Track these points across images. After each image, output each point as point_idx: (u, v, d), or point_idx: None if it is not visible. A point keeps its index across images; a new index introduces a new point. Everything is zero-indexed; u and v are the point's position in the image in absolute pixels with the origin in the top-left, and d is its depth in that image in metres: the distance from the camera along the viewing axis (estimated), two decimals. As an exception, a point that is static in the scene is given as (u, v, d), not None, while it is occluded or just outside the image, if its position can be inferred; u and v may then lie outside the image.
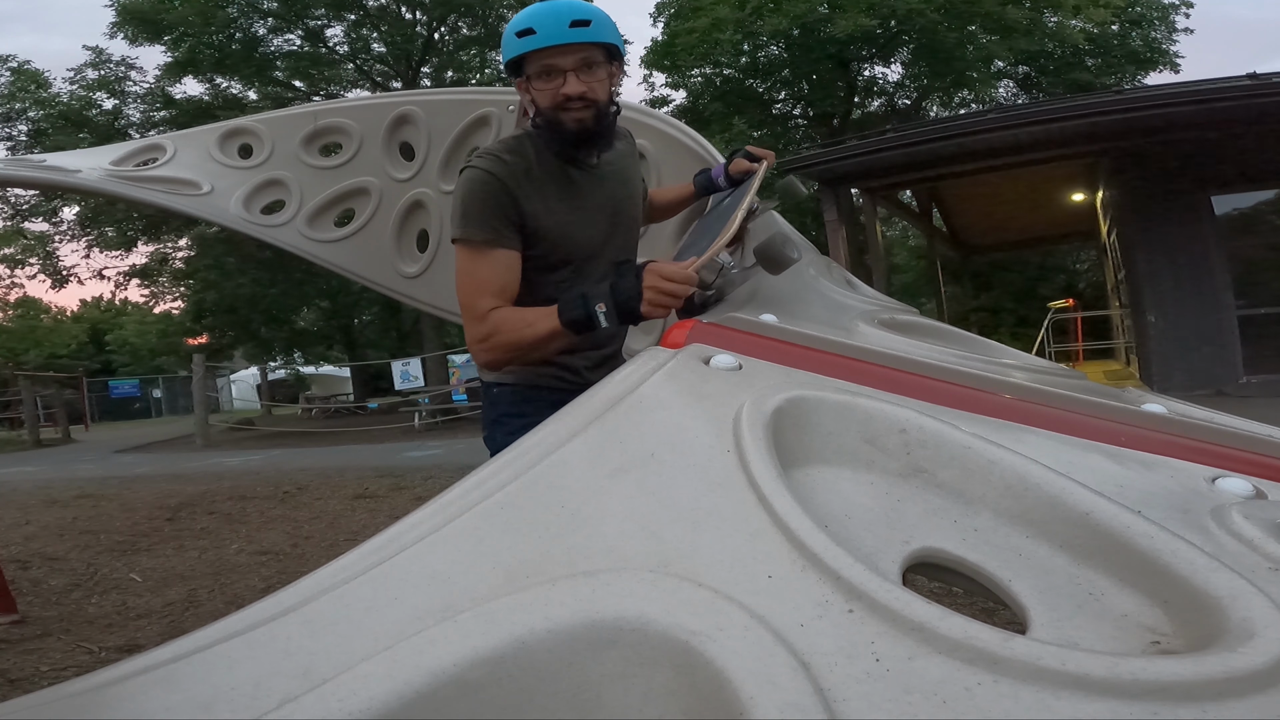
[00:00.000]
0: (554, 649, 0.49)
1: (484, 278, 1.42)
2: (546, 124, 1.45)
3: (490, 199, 1.42)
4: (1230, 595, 0.50)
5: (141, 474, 9.01)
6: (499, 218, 1.42)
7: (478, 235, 1.42)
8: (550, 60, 1.39)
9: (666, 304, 1.19)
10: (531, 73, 1.42)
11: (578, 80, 1.40)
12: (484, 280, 1.42)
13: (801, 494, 0.65)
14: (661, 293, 1.18)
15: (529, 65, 1.41)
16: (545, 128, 1.46)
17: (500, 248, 1.43)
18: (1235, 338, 8.16)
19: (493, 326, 1.39)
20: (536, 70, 1.41)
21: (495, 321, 1.39)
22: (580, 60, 1.40)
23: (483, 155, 1.47)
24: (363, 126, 3.23)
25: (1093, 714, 0.43)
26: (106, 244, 17.81)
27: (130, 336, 29.14)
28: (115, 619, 3.44)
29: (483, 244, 1.42)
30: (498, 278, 1.42)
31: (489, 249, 1.42)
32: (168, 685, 0.50)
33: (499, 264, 1.43)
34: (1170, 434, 0.81)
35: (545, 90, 1.42)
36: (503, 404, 1.63)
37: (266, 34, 16.56)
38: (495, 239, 1.42)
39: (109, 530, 5.42)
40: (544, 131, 1.47)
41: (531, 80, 1.43)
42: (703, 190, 1.88)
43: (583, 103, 1.41)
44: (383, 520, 4.76)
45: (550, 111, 1.43)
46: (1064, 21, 15.35)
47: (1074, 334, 14.46)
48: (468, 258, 1.44)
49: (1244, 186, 8.36)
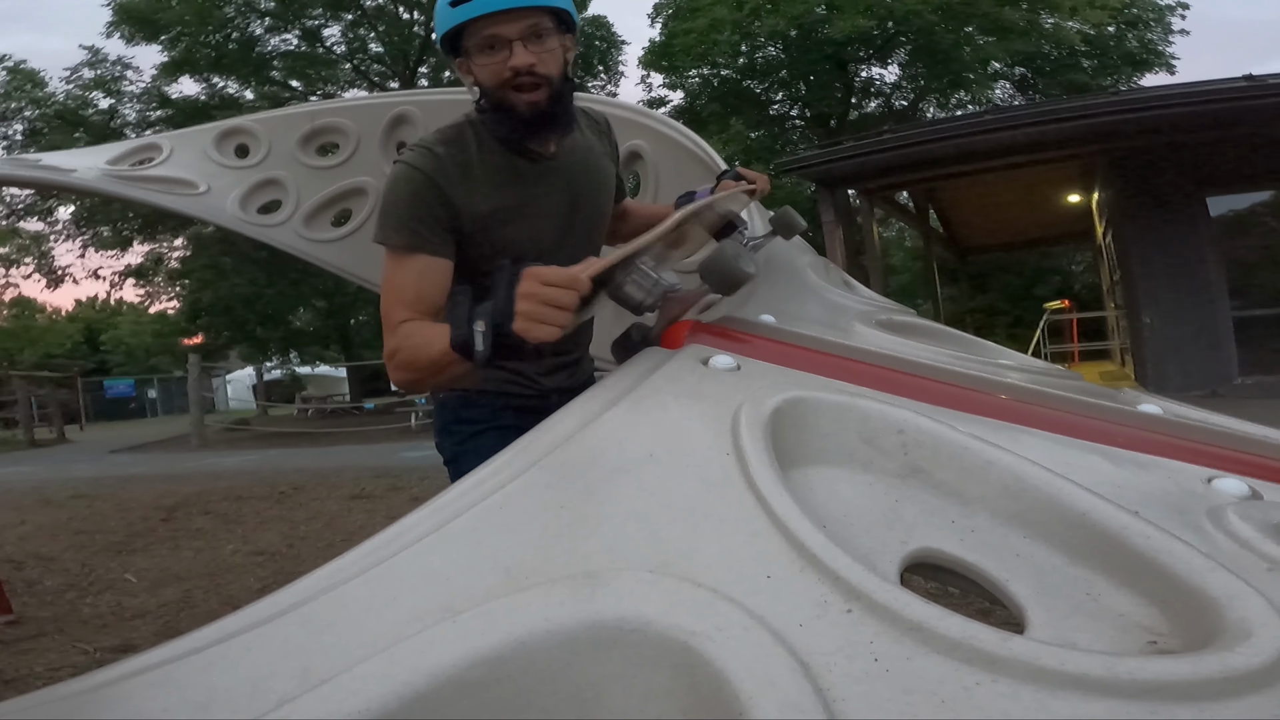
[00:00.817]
0: (554, 649, 0.49)
1: (399, 286, 1.25)
2: (493, 106, 1.28)
3: (414, 199, 1.26)
4: (1227, 595, 0.51)
5: (136, 474, 8.98)
6: (422, 220, 1.26)
7: (395, 239, 1.26)
8: (492, 30, 1.21)
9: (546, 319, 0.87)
10: (471, 47, 1.24)
11: (525, 51, 1.22)
12: (398, 289, 1.25)
13: (800, 494, 0.65)
14: (540, 302, 0.87)
15: (468, 38, 1.24)
16: (492, 111, 1.28)
17: (421, 253, 1.26)
18: (1230, 339, 8.20)
19: (398, 342, 1.18)
20: (477, 43, 1.24)
21: (401, 336, 1.18)
22: (527, 28, 1.22)
23: (414, 148, 1.32)
24: (360, 126, 3.22)
25: (1091, 713, 0.43)
26: (102, 244, 17.76)
27: (125, 336, 29.07)
28: (110, 619, 3.42)
29: (402, 249, 1.26)
30: (412, 286, 1.24)
31: (408, 254, 1.26)
32: (164, 686, 0.49)
33: (415, 271, 1.25)
34: (1166, 435, 0.81)
35: (488, 65, 1.24)
36: (450, 410, 1.54)
37: (263, 34, 16.53)
38: (415, 244, 1.25)
39: (104, 530, 5.40)
40: (490, 116, 1.29)
41: (472, 56, 1.25)
42: None
43: (533, 78, 1.24)
44: (380, 520, 4.75)
45: (497, 91, 1.25)
46: (1061, 23, 15.40)
47: (1070, 335, 14.50)
48: (388, 263, 1.28)
49: (1239, 188, 8.39)
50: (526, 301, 0.87)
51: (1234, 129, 7.75)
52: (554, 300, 0.87)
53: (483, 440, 1.45)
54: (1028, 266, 20.35)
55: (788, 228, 1.48)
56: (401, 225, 1.26)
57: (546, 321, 0.87)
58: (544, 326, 0.87)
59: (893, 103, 18.26)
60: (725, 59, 16.87)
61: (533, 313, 0.87)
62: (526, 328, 0.87)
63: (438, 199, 1.27)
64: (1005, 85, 18.12)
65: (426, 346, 1.10)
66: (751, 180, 1.52)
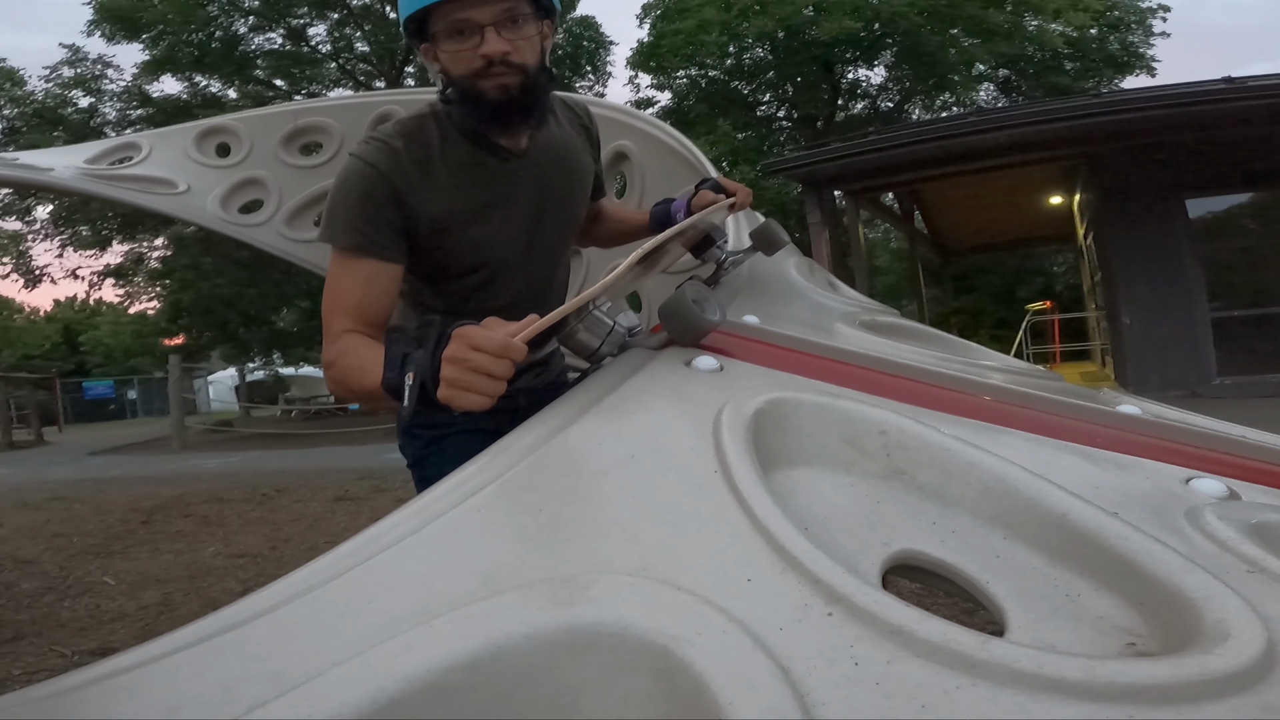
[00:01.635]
0: (532, 654, 0.48)
1: (342, 291, 1.15)
2: (462, 96, 1.17)
3: (364, 198, 1.16)
4: (1204, 596, 0.51)
5: (116, 476, 8.87)
6: (371, 221, 1.15)
7: (342, 240, 1.16)
8: (463, 14, 1.11)
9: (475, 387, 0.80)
10: (439, 32, 1.14)
11: (499, 38, 1.12)
12: (341, 294, 1.15)
13: (781, 496, 0.65)
14: (468, 369, 0.79)
15: (435, 22, 1.14)
16: (461, 101, 1.18)
17: (369, 258, 1.16)
18: (1208, 340, 8.31)
19: (335, 354, 1.11)
20: (446, 28, 1.13)
21: (338, 350, 1.10)
22: (501, 12, 1.12)
23: (369, 141, 1.21)
24: (344, 126, 3.20)
25: (1070, 716, 0.43)
26: (81, 243, 17.52)
27: (105, 337, 28.71)
28: (88, 622, 3.38)
29: (348, 251, 1.16)
30: (355, 292, 1.15)
31: (354, 257, 1.16)
32: (134, 690, 0.49)
33: (360, 275, 1.15)
34: (1145, 435, 0.82)
35: (459, 52, 1.14)
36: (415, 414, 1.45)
37: (247, 32, 16.38)
38: (363, 246, 1.15)
39: (82, 533, 5.33)
40: (459, 106, 1.19)
41: (440, 42, 1.15)
42: (658, 224, 1.48)
43: (506, 66, 1.14)
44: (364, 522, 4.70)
45: (466, 79, 1.15)
46: (1044, 25, 15.57)
47: (1051, 336, 14.65)
48: (332, 264, 1.18)
49: (1217, 190, 8.52)
50: (453, 367, 0.80)
51: (1213, 131, 7.87)
52: (483, 368, 0.79)
53: (447, 444, 1.39)
54: (1010, 268, 20.57)
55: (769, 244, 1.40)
56: (350, 226, 1.16)
57: (474, 390, 0.80)
58: (471, 395, 0.80)
59: (879, 104, 18.41)
60: (713, 60, 16.93)
61: (459, 380, 0.80)
62: (451, 395, 0.81)
63: (390, 200, 1.16)
64: (989, 87, 18.31)
65: (359, 373, 1.04)
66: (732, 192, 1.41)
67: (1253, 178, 8.26)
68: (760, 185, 14.85)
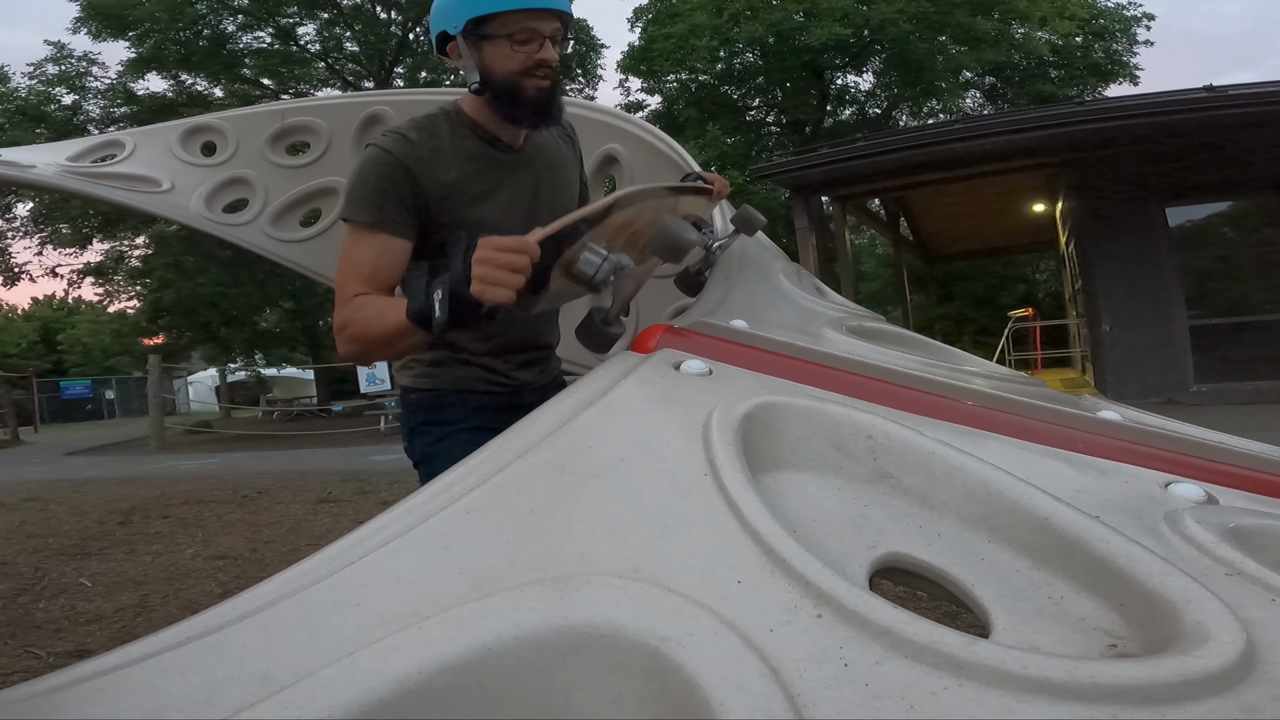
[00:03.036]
0: (522, 655, 0.48)
1: (356, 260, 1.28)
2: (507, 90, 1.33)
3: (382, 179, 1.30)
4: (1184, 599, 0.52)
5: (93, 477, 8.74)
6: (387, 199, 1.29)
7: (360, 215, 1.30)
8: (532, 24, 1.30)
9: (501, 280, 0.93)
10: (502, 34, 1.30)
11: (554, 46, 1.33)
12: (356, 263, 1.28)
13: (770, 499, 0.65)
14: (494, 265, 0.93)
15: (502, 26, 1.29)
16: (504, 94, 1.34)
17: (382, 232, 1.29)
18: (1187, 347, 8.43)
19: (349, 315, 1.22)
20: (513, 32, 1.30)
21: (352, 309, 1.23)
22: (557, 30, 1.34)
23: (386, 133, 1.36)
24: (332, 125, 3.18)
25: (1054, 716, 0.43)
26: (61, 241, 17.28)
27: (83, 336, 28.28)
28: (64, 624, 3.33)
29: (364, 225, 1.29)
30: (370, 261, 1.27)
31: (369, 231, 1.29)
32: (115, 691, 0.48)
33: (375, 248, 1.28)
34: (1125, 440, 0.83)
35: (517, 54, 1.31)
36: (421, 411, 1.51)
37: (235, 31, 16.23)
38: (378, 222, 1.29)
39: (58, 534, 5.25)
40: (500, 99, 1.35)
41: (494, 42, 1.30)
42: None
43: (547, 70, 1.33)
44: (347, 525, 4.68)
45: (514, 76, 1.32)
46: (1031, 33, 15.74)
47: (1033, 342, 14.81)
48: (348, 239, 1.31)
49: (1197, 198, 8.64)
50: (481, 265, 0.93)
51: (1193, 139, 7.98)
52: (507, 264, 0.93)
53: (455, 440, 1.44)
54: (994, 275, 20.78)
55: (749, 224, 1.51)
56: (367, 202, 1.29)
57: (500, 284, 0.93)
58: (498, 288, 0.93)
59: (867, 110, 18.53)
60: (704, 64, 16.98)
61: (487, 275, 0.93)
62: (482, 289, 0.93)
63: (405, 180, 1.30)
64: (975, 95, 18.50)
65: (379, 319, 1.16)
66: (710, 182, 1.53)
67: (1231, 186, 8.40)
68: (748, 190, 14.90)
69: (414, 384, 1.51)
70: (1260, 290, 8.55)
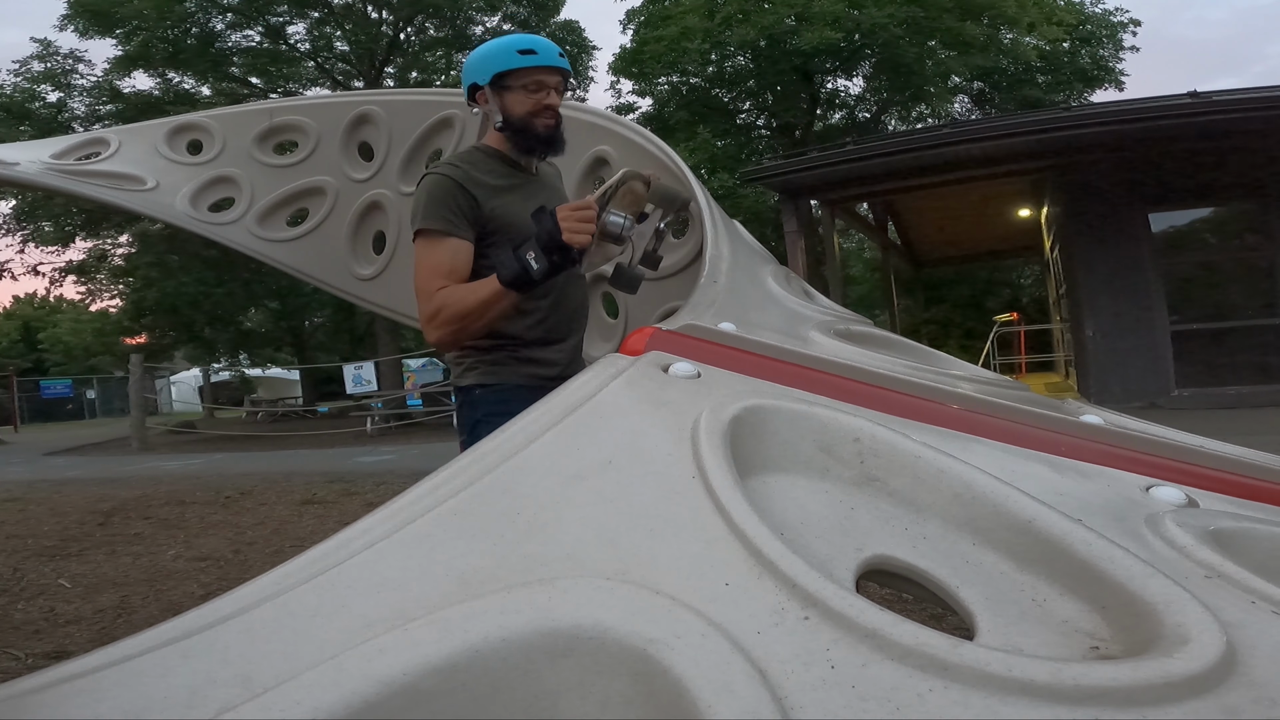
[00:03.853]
0: (509, 658, 0.48)
1: (436, 261, 1.62)
2: (522, 128, 1.73)
3: (446, 195, 1.64)
4: (1165, 601, 0.52)
5: (73, 477, 8.64)
6: (453, 210, 1.64)
7: (434, 225, 1.63)
8: (542, 77, 1.71)
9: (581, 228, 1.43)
10: (517, 85, 1.71)
11: (557, 95, 1.73)
12: (436, 264, 1.62)
13: (758, 502, 0.65)
14: (576, 220, 1.43)
15: (519, 79, 1.70)
16: (521, 131, 1.74)
17: (452, 236, 1.64)
18: (1168, 352, 8.53)
19: (441, 302, 1.59)
20: (527, 83, 1.70)
21: (442, 298, 1.59)
22: (560, 81, 1.74)
23: (439, 164, 1.74)
24: (321, 125, 3.16)
25: (1037, 717, 0.44)
26: (43, 239, 17.05)
27: (64, 335, 27.93)
28: (43, 625, 3.29)
29: (438, 233, 1.63)
30: (448, 261, 1.62)
31: (442, 238, 1.63)
32: (95, 693, 0.47)
33: (449, 250, 1.63)
34: (1107, 444, 0.84)
35: (529, 100, 1.71)
36: (485, 405, 1.72)
37: (224, 29, 16.08)
38: (449, 229, 1.63)
39: (37, 535, 5.18)
40: (517, 134, 1.74)
41: (513, 91, 1.71)
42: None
43: (551, 113, 1.73)
44: (332, 527, 4.65)
45: (526, 118, 1.72)
46: (1019, 38, 15.87)
47: (1018, 347, 14.94)
48: (424, 247, 1.65)
49: (1179, 204, 8.75)
50: (566, 221, 1.44)
51: (1177, 145, 8.06)
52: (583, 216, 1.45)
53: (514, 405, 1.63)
54: (980, 279, 20.93)
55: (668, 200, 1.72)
56: (438, 215, 1.64)
57: (582, 230, 1.44)
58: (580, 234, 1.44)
59: (856, 114, 18.61)
60: (695, 67, 17.00)
61: (572, 226, 1.44)
62: (571, 236, 1.43)
63: (463, 195, 1.66)
64: (964, 99, 18.62)
65: (473, 294, 1.57)
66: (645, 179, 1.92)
67: (1213, 192, 8.50)
68: (738, 193, 14.94)
69: (479, 381, 1.75)
70: (1241, 296, 8.66)
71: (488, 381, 1.73)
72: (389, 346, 15.16)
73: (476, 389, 1.74)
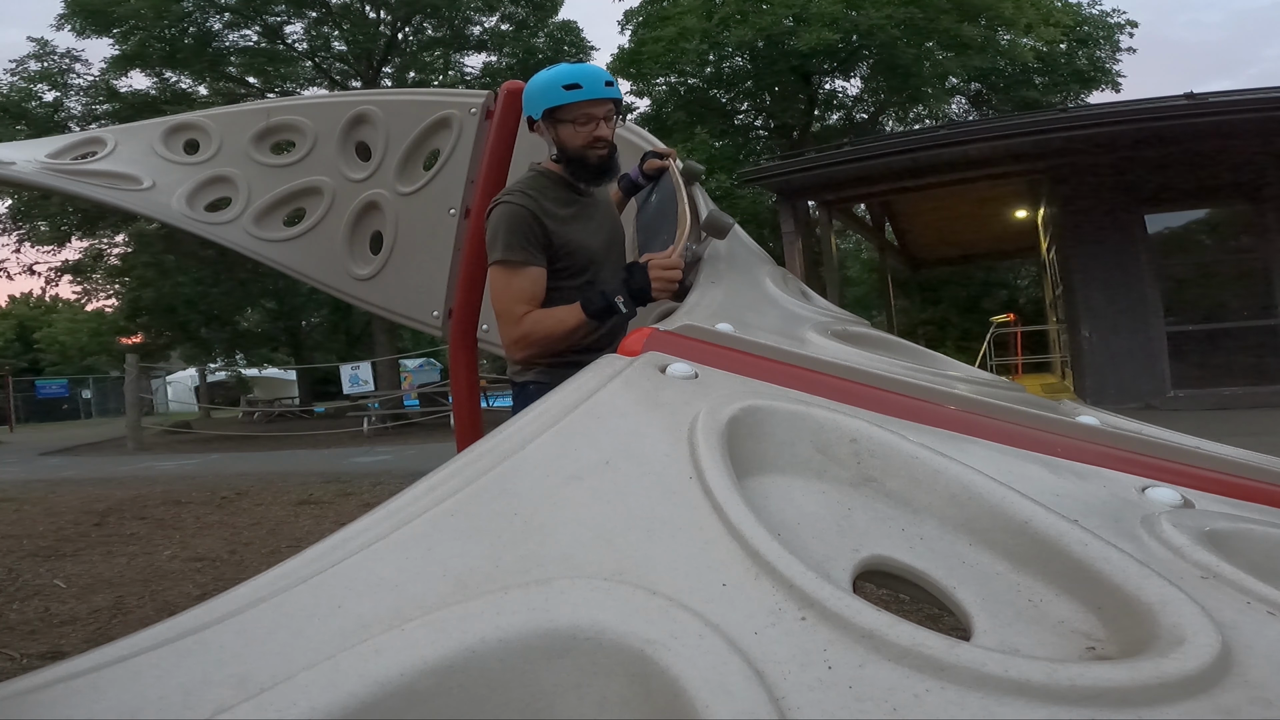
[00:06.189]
0: (506, 658, 0.48)
1: (519, 289, 1.77)
2: (576, 159, 1.83)
3: (522, 225, 1.77)
4: (1160, 602, 0.52)
5: (68, 477, 8.62)
6: (530, 240, 1.77)
7: (515, 256, 1.77)
8: (590, 110, 1.78)
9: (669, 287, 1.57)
10: (568, 118, 1.79)
11: (606, 126, 1.81)
12: (519, 291, 1.77)
13: (755, 502, 0.65)
14: (665, 280, 1.57)
15: (568, 113, 1.78)
16: (574, 162, 1.84)
17: (532, 265, 1.78)
18: (1164, 353, 8.55)
19: (529, 327, 1.76)
20: (576, 116, 1.78)
21: (529, 323, 1.76)
22: (609, 113, 1.81)
23: (510, 192, 1.83)
24: (318, 125, 3.15)
25: (1033, 718, 0.44)
26: (39, 238, 17.00)
27: (60, 335, 27.85)
28: (38, 625, 3.28)
29: (519, 263, 1.77)
30: (529, 288, 1.78)
31: (523, 267, 1.77)
32: (91, 693, 0.47)
33: (529, 278, 1.78)
34: (1103, 445, 0.84)
35: (580, 132, 1.80)
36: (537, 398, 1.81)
37: (222, 29, 16.05)
38: (528, 259, 1.77)
39: (32, 535, 5.17)
40: (571, 165, 1.85)
41: (564, 124, 1.80)
42: (628, 191, 2.19)
43: (603, 143, 1.82)
44: (328, 527, 4.64)
45: (580, 150, 1.82)
46: (1016, 39, 15.89)
47: (1014, 348, 14.96)
48: (505, 275, 1.78)
49: (1175, 206, 8.76)
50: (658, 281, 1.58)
51: (1173, 146, 8.07)
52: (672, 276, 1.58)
53: None
54: (977, 281, 20.97)
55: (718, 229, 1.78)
56: (517, 246, 1.76)
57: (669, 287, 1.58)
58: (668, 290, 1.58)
59: (854, 115, 18.62)
60: (693, 68, 17.00)
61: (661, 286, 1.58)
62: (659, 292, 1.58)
63: (534, 221, 1.78)
64: (961, 101, 18.65)
65: (559, 322, 1.74)
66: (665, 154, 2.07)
67: (1209, 194, 8.52)
68: (735, 194, 14.95)
69: (537, 379, 1.87)
70: (1236, 297, 8.68)
71: (544, 380, 1.85)
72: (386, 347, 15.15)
73: (532, 385, 1.88)
